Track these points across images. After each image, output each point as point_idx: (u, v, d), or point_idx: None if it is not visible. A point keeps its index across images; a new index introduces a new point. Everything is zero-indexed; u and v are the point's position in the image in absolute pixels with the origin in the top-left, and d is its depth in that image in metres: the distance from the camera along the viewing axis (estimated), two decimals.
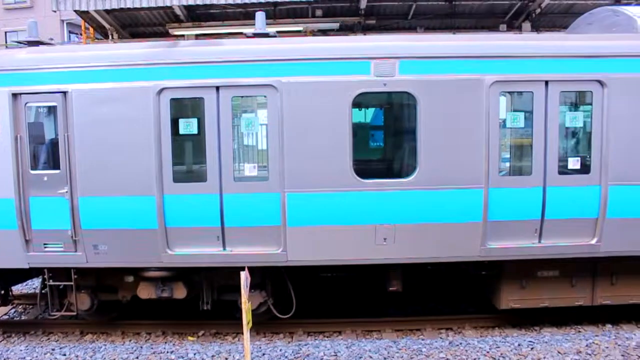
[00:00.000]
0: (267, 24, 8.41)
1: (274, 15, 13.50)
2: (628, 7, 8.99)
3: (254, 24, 8.29)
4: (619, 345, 7.53)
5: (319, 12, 13.78)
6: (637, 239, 7.93)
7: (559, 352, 7.30)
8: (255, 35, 8.20)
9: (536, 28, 13.31)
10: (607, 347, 7.42)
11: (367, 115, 8.62)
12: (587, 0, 12.49)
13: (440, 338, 8.39)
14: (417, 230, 7.63)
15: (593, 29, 8.93)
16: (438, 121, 7.51)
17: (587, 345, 7.50)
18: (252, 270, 7.33)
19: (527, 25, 13.33)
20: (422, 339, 8.20)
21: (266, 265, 7.92)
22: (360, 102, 7.92)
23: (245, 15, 13.40)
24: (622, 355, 7.19)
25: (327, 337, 8.73)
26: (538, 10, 13.14)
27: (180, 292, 8.24)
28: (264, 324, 8.77)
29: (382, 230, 7.59)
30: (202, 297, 8.42)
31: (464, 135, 7.55)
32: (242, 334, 6.31)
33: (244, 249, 7.70)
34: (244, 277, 6.20)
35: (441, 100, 7.48)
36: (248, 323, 6.15)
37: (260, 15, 8.30)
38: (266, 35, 8.15)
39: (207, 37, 13.41)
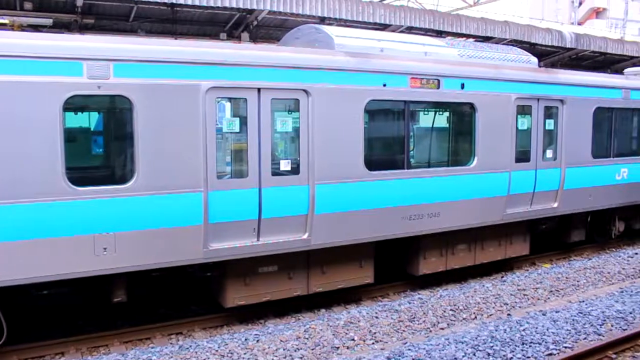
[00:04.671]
0: None
1: None
2: (328, 26, 10.13)
3: None
4: (330, 326, 8.43)
5: (28, 5, 12.44)
6: (340, 230, 8.99)
7: (281, 341, 7.86)
8: None
9: (254, 39, 14.04)
10: (321, 330, 8.25)
11: (83, 119, 8.12)
12: (297, 17, 13.58)
13: (171, 344, 8.35)
14: (139, 237, 7.47)
15: (299, 43, 9.81)
16: (156, 126, 7.46)
17: (305, 331, 8.22)
18: None
19: (245, 35, 13.97)
20: (152, 347, 8.06)
21: None
22: (74, 105, 7.45)
23: None
24: (333, 334, 8.07)
25: None
26: (255, 22, 13.88)
27: None
28: None
29: (101, 240, 7.23)
30: None
31: (182, 140, 7.63)
32: None
33: None
34: None
35: (158, 105, 7.44)
36: None
37: None
38: None
39: None
